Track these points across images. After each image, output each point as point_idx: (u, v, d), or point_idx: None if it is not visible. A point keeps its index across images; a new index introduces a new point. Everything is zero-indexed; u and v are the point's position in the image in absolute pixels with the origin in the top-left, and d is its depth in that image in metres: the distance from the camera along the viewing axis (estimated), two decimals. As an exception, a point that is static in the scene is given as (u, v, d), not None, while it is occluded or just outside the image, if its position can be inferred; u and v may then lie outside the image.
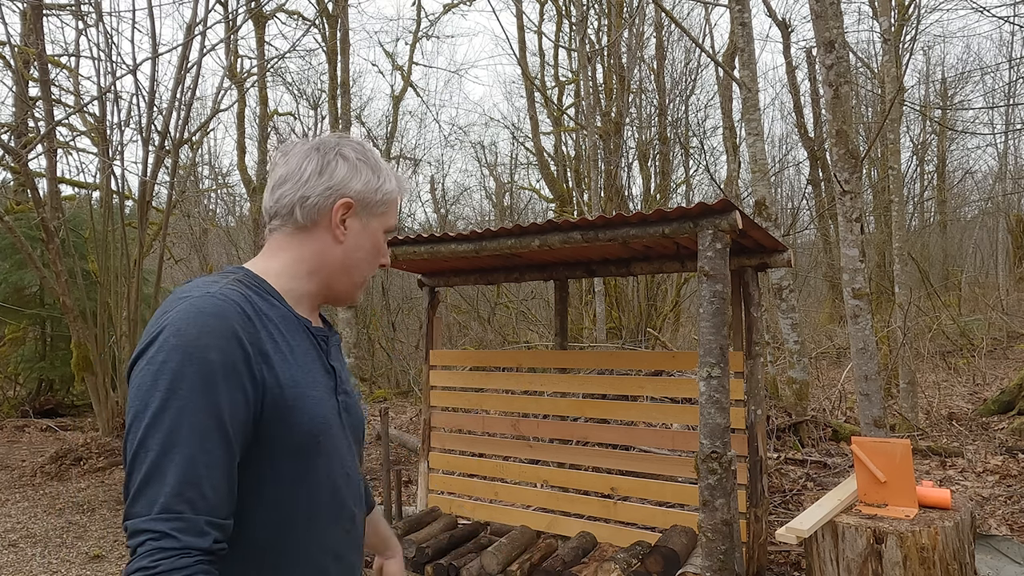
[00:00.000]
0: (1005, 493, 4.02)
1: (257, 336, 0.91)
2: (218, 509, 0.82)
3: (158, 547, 0.77)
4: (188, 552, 0.78)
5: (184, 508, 0.79)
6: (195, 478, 0.80)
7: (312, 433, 0.95)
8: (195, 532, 0.79)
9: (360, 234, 1.07)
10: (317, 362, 1.02)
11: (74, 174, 12.89)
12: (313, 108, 16.31)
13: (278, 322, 0.97)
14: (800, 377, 6.18)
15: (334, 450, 1.01)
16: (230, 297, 0.91)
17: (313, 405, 0.96)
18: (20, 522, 5.07)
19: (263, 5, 12.08)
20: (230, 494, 0.85)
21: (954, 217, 18.02)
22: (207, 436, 0.82)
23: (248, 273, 1.01)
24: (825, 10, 4.07)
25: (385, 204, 1.09)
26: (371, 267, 1.11)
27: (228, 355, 0.86)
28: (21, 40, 9.65)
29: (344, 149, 1.06)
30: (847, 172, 3.96)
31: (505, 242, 2.88)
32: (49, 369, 10.19)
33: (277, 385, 0.91)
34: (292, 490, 0.94)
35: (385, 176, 1.09)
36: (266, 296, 0.99)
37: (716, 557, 2.44)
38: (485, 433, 3.98)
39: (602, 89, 11.66)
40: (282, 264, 1.05)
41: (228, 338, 0.86)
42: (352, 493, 1.06)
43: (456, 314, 12.88)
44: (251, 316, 0.92)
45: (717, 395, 2.44)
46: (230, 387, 0.85)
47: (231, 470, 0.85)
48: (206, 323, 0.86)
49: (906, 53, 10.71)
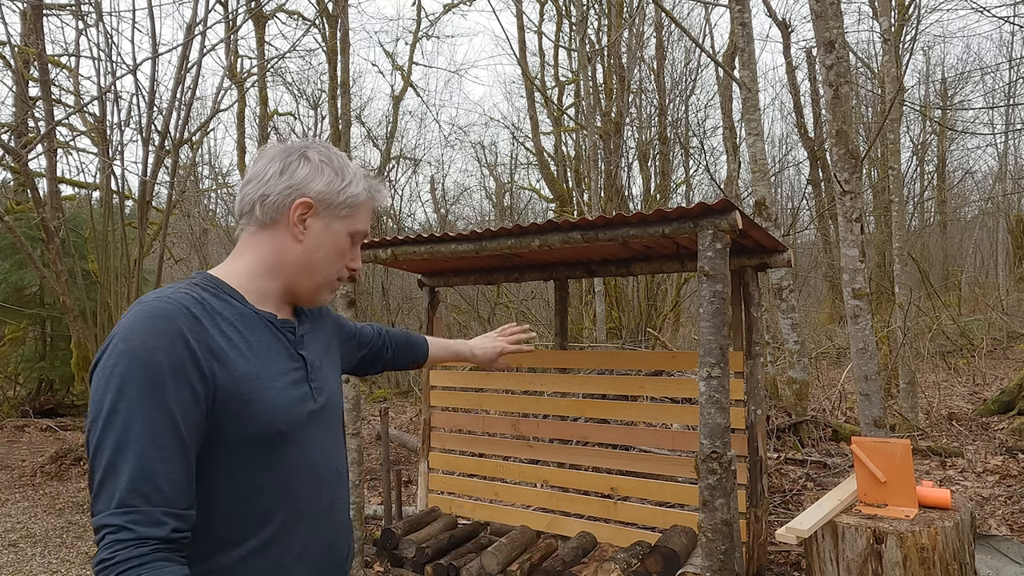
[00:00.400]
0: (1005, 493, 4.02)
1: (206, 334, 0.95)
2: (175, 500, 0.86)
3: (116, 539, 0.82)
4: (144, 542, 0.83)
5: (139, 501, 0.84)
6: (149, 473, 0.85)
7: (273, 424, 0.98)
8: (151, 523, 0.84)
9: (321, 234, 1.09)
10: (283, 353, 1.06)
11: (74, 174, 12.89)
12: (313, 108, 16.31)
13: (234, 320, 1.01)
14: (800, 377, 6.18)
15: (305, 437, 1.04)
16: (178, 300, 0.95)
17: (274, 396, 0.99)
18: (20, 522, 5.07)
19: (263, 5, 12.08)
20: (188, 485, 0.89)
21: (954, 217, 18.01)
22: (159, 433, 0.87)
23: (207, 277, 1.06)
24: (825, 10, 4.07)
25: (349, 207, 1.11)
26: (333, 268, 1.13)
27: (174, 355, 0.90)
28: (21, 40, 9.65)
29: (309, 152, 1.10)
30: (847, 172, 3.96)
31: (505, 242, 2.88)
32: (49, 369, 10.19)
33: (231, 380, 0.95)
34: (259, 480, 0.98)
35: (351, 179, 1.11)
36: (223, 296, 1.03)
37: (716, 557, 2.44)
38: (485, 433, 3.98)
39: (602, 89, 11.66)
40: (244, 266, 1.09)
41: (174, 339, 0.90)
42: (331, 477, 1.10)
43: (456, 314, 12.87)
44: (200, 316, 0.95)
45: (717, 395, 2.44)
46: (178, 385, 0.89)
47: (187, 463, 0.89)
48: (152, 326, 0.90)
49: (906, 53, 10.71)
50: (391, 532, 3.39)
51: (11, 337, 10.41)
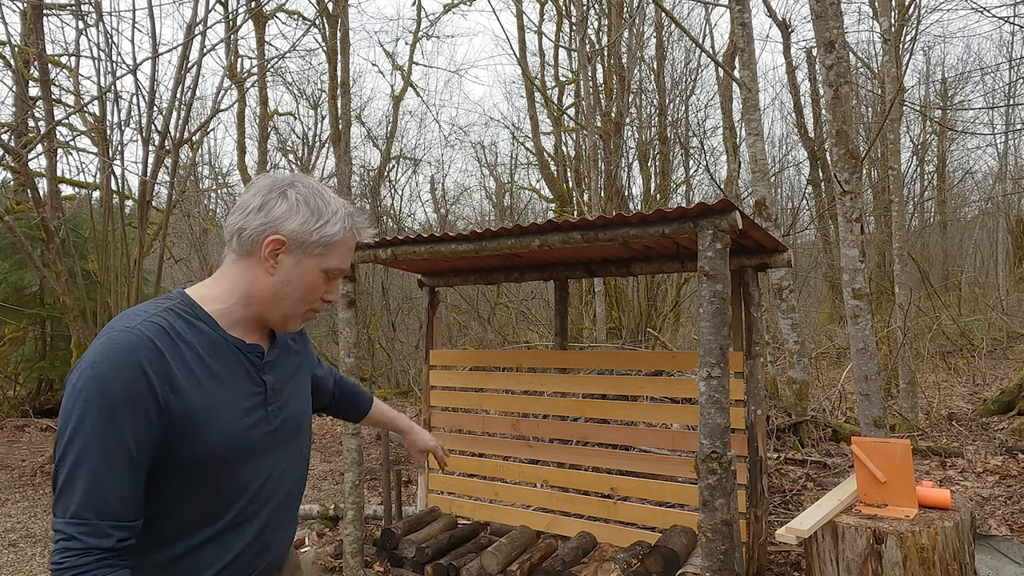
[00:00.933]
0: (1005, 493, 4.02)
1: (166, 367, 1.03)
2: (123, 515, 0.98)
3: (66, 547, 0.95)
4: (90, 551, 0.94)
5: (90, 515, 0.95)
6: (101, 490, 0.96)
7: (219, 450, 1.09)
8: (98, 535, 0.95)
9: (292, 270, 1.15)
10: (244, 379, 1.15)
11: (74, 174, 12.90)
12: (313, 108, 16.31)
13: (200, 348, 1.09)
14: (800, 377, 6.18)
15: (249, 458, 1.14)
16: (145, 332, 1.03)
17: (224, 425, 1.09)
18: (20, 522, 5.07)
19: (263, 5, 12.08)
20: (135, 500, 1.00)
21: (954, 217, 18.01)
22: (112, 454, 0.97)
23: (185, 299, 1.14)
24: (825, 10, 4.07)
25: (323, 245, 1.16)
26: (303, 301, 1.19)
27: (132, 385, 0.99)
28: (21, 40, 9.65)
29: (289, 190, 1.15)
30: (847, 172, 3.96)
31: (505, 242, 2.88)
32: (49, 369, 10.19)
33: (184, 409, 1.04)
34: (200, 494, 1.09)
35: (327, 219, 1.15)
36: (195, 322, 1.11)
37: (716, 557, 2.44)
38: (485, 433, 3.98)
39: (602, 89, 11.66)
40: (221, 290, 1.17)
41: (134, 371, 1.00)
42: (277, 489, 1.21)
43: (456, 314, 12.87)
44: (163, 348, 1.04)
45: (717, 395, 2.44)
46: (134, 413, 0.99)
47: (136, 481, 1.00)
48: (115, 358, 0.99)
49: (906, 53, 10.71)
50: (391, 532, 3.39)
51: (11, 337, 10.41)
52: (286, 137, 16.83)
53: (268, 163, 15.36)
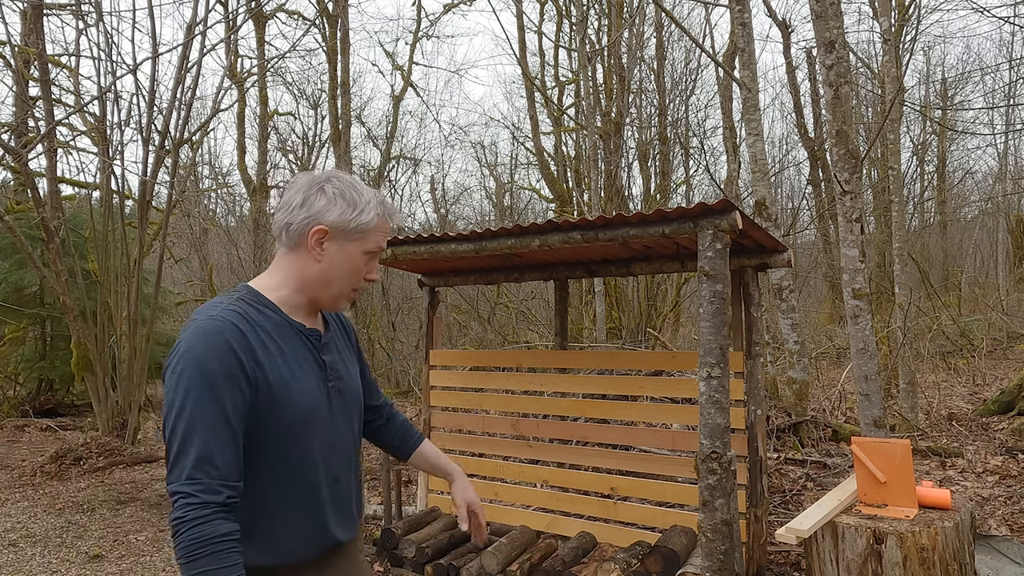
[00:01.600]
0: (1005, 493, 4.02)
1: (249, 346, 1.20)
2: (228, 475, 1.13)
3: (186, 503, 1.09)
4: (207, 505, 1.10)
5: (202, 475, 1.11)
6: (209, 454, 1.12)
7: (298, 416, 1.25)
8: (211, 491, 1.11)
9: (336, 255, 1.31)
10: (309, 357, 1.31)
11: (74, 174, 12.90)
12: (313, 108, 16.32)
13: (271, 330, 1.26)
14: (800, 377, 6.18)
15: (320, 427, 1.30)
16: (227, 318, 1.20)
17: (299, 395, 1.25)
18: (20, 522, 5.07)
19: (263, 5, 12.08)
20: (237, 463, 1.16)
21: (954, 217, 18.01)
22: (215, 423, 1.13)
23: (251, 291, 1.30)
24: (825, 10, 4.07)
25: (360, 232, 1.31)
26: (349, 281, 1.34)
27: (226, 362, 1.16)
28: (21, 40, 9.65)
29: (326, 185, 1.30)
30: (847, 172, 3.96)
31: (505, 242, 2.88)
32: (49, 369, 10.19)
33: (267, 382, 1.21)
34: (286, 456, 1.25)
35: (362, 208, 1.30)
36: (262, 308, 1.28)
37: (716, 557, 2.44)
38: (485, 433, 3.98)
39: (602, 89, 11.66)
40: (277, 280, 1.33)
41: (225, 350, 1.16)
42: (338, 458, 1.35)
43: (456, 314, 12.87)
44: (244, 330, 1.20)
45: (717, 395, 2.44)
46: (229, 385, 1.15)
47: (236, 446, 1.16)
48: (208, 340, 1.16)
49: (906, 53, 10.71)
50: (391, 532, 3.39)
51: (11, 337, 10.41)
52: (286, 137, 16.82)
53: (268, 163, 15.35)
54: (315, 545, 1.30)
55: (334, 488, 1.34)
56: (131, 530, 4.82)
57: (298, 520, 1.27)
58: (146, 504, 5.49)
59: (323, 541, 1.32)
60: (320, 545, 1.31)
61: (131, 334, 7.29)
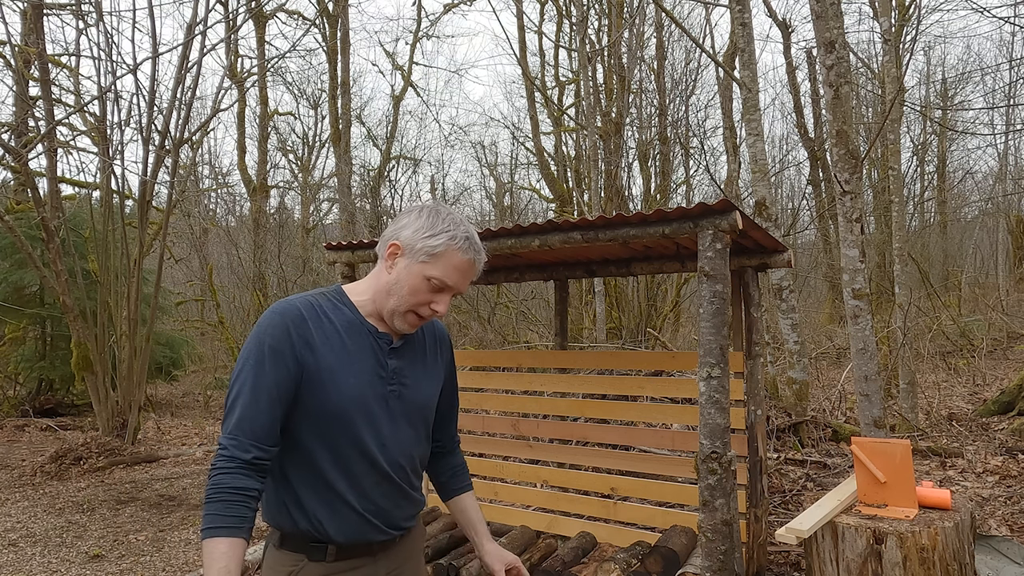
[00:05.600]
0: (1005, 493, 4.01)
1: (306, 331, 1.32)
2: (262, 439, 1.27)
3: (220, 454, 1.25)
4: (234, 459, 1.25)
5: (238, 434, 1.26)
6: (248, 416, 1.27)
7: (341, 405, 1.32)
8: (241, 449, 1.25)
9: (402, 271, 1.38)
10: (371, 357, 1.38)
11: (74, 174, 12.90)
12: (313, 108, 16.33)
13: (341, 325, 1.37)
14: (800, 377, 6.18)
15: (369, 420, 1.36)
16: (296, 304, 1.34)
17: (347, 387, 1.33)
18: (20, 522, 5.07)
19: (263, 5, 12.07)
20: (272, 430, 1.28)
21: (954, 217, 18.01)
22: (258, 393, 1.28)
23: (338, 290, 1.44)
24: (825, 10, 4.07)
25: (427, 255, 1.35)
26: (407, 300, 1.37)
27: (278, 340, 1.30)
28: (22, 40, 9.65)
29: (425, 209, 1.39)
30: (847, 172, 3.96)
31: (505, 242, 2.88)
32: (49, 369, 10.19)
33: (316, 365, 1.31)
34: (333, 439, 1.33)
35: (434, 234, 1.35)
36: (340, 305, 1.40)
37: (716, 557, 2.44)
38: (485, 433, 3.97)
39: (602, 89, 11.66)
40: (364, 286, 1.45)
41: (282, 329, 1.30)
42: (389, 458, 1.39)
43: (456, 314, 12.87)
44: (307, 317, 1.33)
45: (717, 395, 2.44)
46: (276, 361, 1.29)
47: (274, 415, 1.29)
48: (272, 320, 1.31)
49: (906, 53, 10.70)
50: (391, 532, 3.38)
51: (11, 337, 10.41)
52: (286, 137, 16.83)
53: (268, 163, 15.35)
54: (356, 532, 1.36)
55: (383, 484, 1.39)
56: (131, 530, 4.82)
57: (339, 503, 1.34)
58: (146, 504, 5.49)
59: (364, 531, 1.37)
60: (360, 534, 1.37)
61: (131, 334, 7.29)
